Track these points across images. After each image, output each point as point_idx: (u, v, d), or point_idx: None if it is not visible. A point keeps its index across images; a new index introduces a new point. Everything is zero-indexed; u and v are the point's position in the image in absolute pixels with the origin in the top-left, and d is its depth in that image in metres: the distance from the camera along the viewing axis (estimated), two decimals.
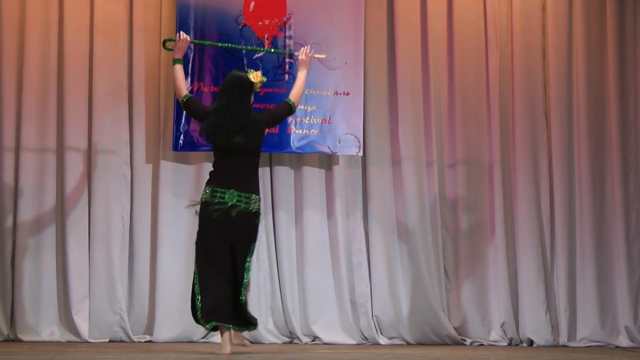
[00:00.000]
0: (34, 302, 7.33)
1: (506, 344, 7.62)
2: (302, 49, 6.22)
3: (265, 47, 7.39)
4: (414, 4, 7.77)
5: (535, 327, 7.62)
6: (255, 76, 5.89)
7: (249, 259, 5.80)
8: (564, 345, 7.59)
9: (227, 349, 5.76)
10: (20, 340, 7.23)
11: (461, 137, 7.80)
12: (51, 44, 7.44)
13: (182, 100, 6.00)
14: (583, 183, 7.75)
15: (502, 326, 7.66)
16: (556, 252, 7.71)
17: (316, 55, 6.38)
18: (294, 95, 6.05)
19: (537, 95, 7.85)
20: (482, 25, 7.85)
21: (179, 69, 6.08)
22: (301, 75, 6.12)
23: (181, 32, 6.27)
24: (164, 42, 6.41)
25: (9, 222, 7.35)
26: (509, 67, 7.86)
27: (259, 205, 5.84)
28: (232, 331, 5.87)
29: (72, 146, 7.42)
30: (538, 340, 7.58)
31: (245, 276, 5.77)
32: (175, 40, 6.21)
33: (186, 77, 7.31)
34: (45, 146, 7.42)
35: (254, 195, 5.81)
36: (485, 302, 7.70)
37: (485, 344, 7.60)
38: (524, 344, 7.63)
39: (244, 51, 7.36)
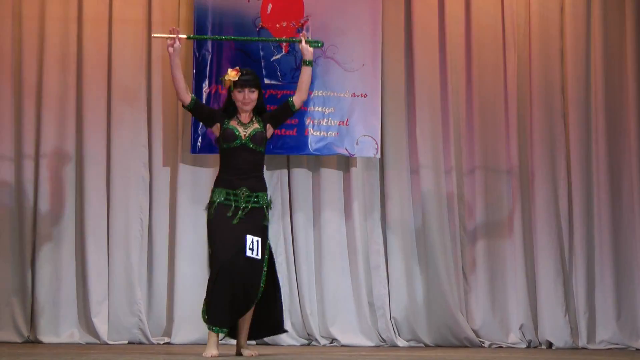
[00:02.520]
0: (54, 304, 7.37)
1: (525, 346, 7.59)
2: (303, 42, 5.84)
3: (282, 50, 7.41)
4: (432, 6, 7.78)
5: (554, 329, 7.59)
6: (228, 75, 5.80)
7: None
8: (583, 348, 7.55)
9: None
10: (40, 342, 7.27)
11: (479, 139, 7.79)
12: (70, 48, 7.51)
13: (191, 104, 5.79)
14: (601, 185, 7.72)
15: (520, 328, 7.63)
16: (575, 254, 7.68)
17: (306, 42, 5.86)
18: (297, 97, 5.84)
19: (555, 98, 7.83)
20: (499, 28, 7.85)
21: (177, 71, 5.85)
22: (305, 77, 5.85)
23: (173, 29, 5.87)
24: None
25: (28, 225, 7.40)
26: (527, 69, 7.85)
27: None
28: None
29: (90, 149, 7.48)
30: (557, 343, 7.55)
31: None
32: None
33: (203, 80, 7.39)
34: (64, 149, 7.48)
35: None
36: (503, 304, 7.68)
37: (504, 346, 7.58)
38: (543, 347, 7.60)
39: (261, 53, 7.40)
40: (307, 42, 5.83)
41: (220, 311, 5.61)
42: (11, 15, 7.47)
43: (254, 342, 7.34)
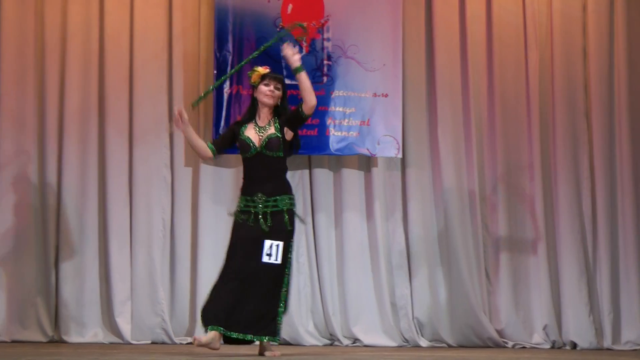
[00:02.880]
0: (77, 304, 7.43)
1: (549, 346, 7.55)
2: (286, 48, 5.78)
3: (303, 50, 7.42)
4: (453, 4, 7.77)
5: (578, 329, 7.54)
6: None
7: None
8: (608, 349, 7.50)
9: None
10: (64, 342, 7.33)
11: (501, 138, 7.76)
12: (91, 48, 7.57)
13: (214, 153, 5.82)
14: (625, 184, 7.66)
15: (544, 329, 7.59)
16: (598, 253, 7.63)
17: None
18: (303, 101, 5.68)
19: (577, 96, 7.78)
20: (521, 26, 7.81)
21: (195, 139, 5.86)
22: (304, 85, 5.67)
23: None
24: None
25: (52, 225, 7.46)
26: (549, 68, 7.81)
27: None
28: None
29: (113, 149, 7.53)
30: (581, 343, 7.50)
31: None
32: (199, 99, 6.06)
33: (225, 81, 7.37)
34: (87, 149, 7.53)
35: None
36: (527, 304, 7.64)
37: (528, 346, 7.54)
38: (567, 347, 7.55)
39: (282, 53, 7.40)
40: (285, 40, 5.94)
41: (216, 310, 5.56)
42: (34, 15, 7.54)
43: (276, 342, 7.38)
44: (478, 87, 7.79)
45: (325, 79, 7.50)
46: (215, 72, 7.44)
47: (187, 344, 7.36)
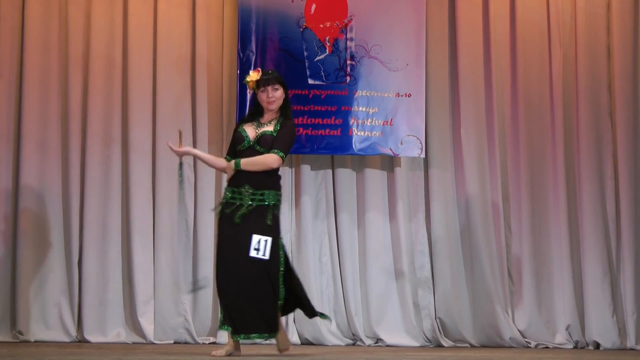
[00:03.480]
0: (101, 304, 7.45)
1: (572, 346, 7.53)
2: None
3: (326, 50, 7.41)
4: (476, 4, 7.73)
5: (601, 329, 7.51)
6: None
7: None
8: (631, 349, 7.46)
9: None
10: (87, 342, 7.35)
11: (524, 138, 7.73)
12: (115, 49, 7.58)
13: (235, 163, 5.66)
14: None
15: (567, 329, 7.56)
16: (622, 253, 7.58)
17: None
18: (244, 162, 5.66)
19: (601, 96, 7.73)
20: (545, 25, 7.77)
21: (204, 157, 5.92)
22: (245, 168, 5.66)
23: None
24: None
25: (75, 225, 7.48)
26: (572, 67, 7.76)
27: None
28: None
29: (136, 150, 7.54)
30: (605, 344, 7.47)
31: None
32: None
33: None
34: (111, 149, 7.54)
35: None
36: (550, 304, 7.61)
37: (551, 346, 7.51)
38: (590, 347, 7.52)
39: (305, 53, 7.42)
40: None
41: (223, 311, 5.61)
42: (58, 16, 7.55)
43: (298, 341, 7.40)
44: (501, 86, 7.76)
45: (348, 79, 7.48)
46: (238, 72, 7.42)
47: (210, 343, 7.37)
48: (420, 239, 7.65)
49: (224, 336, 7.34)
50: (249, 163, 5.62)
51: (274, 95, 5.71)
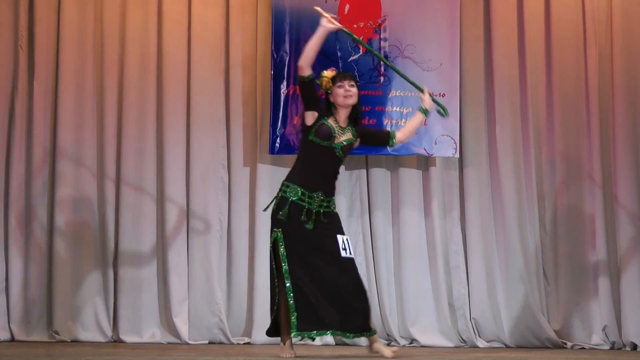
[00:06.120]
0: (136, 305, 7.49)
1: (608, 347, 7.45)
2: (426, 94, 5.94)
3: (360, 51, 7.39)
4: (511, 2, 7.67)
5: (638, 330, 7.42)
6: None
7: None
8: None
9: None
10: (122, 342, 7.39)
11: (560, 137, 7.66)
12: (150, 49, 7.62)
13: (305, 78, 5.52)
14: None
15: (603, 329, 7.49)
16: None
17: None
18: (400, 134, 5.86)
19: (638, 96, 7.61)
20: (580, 24, 7.69)
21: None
22: (416, 121, 5.96)
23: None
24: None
25: (111, 226, 7.53)
26: (608, 66, 7.67)
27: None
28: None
29: (170, 150, 7.57)
30: None
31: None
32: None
33: (282, 81, 7.40)
34: (145, 149, 7.58)
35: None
36: (586, 304, 7.54)
37: (587, 347, 7.45)
38: (627, 348, 7.44)
39: (339, 53, 7.40)
40: (432, 100, 5.92)
41: (312, 318, 5.45)
42: (93, 18, 7.60)
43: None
44: (536, 85, 7.70)
45: (382, 79, 7.47)
46: (272, 72, 7.43)
47: (245, 344, 7.38)
48: (455, 238, 7.62)
49: (259, 336, 7.33)
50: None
51: (351, 90, 5.62)
